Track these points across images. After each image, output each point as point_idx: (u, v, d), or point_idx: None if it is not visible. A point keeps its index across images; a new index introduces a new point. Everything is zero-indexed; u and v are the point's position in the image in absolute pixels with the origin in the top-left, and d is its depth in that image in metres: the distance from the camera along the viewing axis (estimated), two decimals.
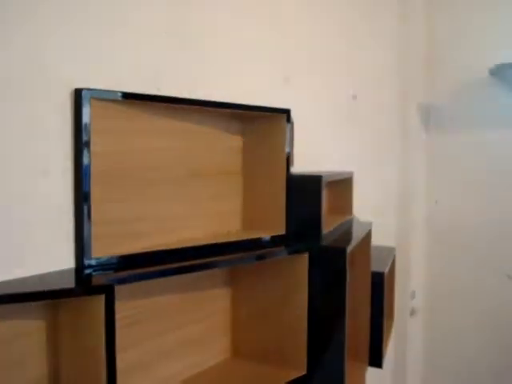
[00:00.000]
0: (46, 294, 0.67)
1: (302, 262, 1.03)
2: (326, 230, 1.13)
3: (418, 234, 2.18)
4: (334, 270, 1.02)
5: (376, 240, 1.46)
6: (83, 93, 0.78)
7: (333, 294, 1.03)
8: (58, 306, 0.75)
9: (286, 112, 1.09)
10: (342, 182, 1.41)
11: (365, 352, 1.39)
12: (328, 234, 1.13)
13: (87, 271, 0.78)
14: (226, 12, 1.10)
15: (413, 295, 2.14)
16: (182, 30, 0.99)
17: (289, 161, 1.09)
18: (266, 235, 1.06)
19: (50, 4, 0.75)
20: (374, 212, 1.69)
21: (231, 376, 1.03)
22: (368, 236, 1.34)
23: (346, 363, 1.06)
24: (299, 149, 1.26)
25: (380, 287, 1.42)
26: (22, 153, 0.73)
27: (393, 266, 1.66)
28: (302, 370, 1.04)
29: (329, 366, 1.04)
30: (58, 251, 0.78)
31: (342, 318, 1.03)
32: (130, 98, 0.84)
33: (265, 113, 1.06)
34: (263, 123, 1.09)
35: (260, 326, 1.08)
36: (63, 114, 0.78)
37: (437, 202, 2.18)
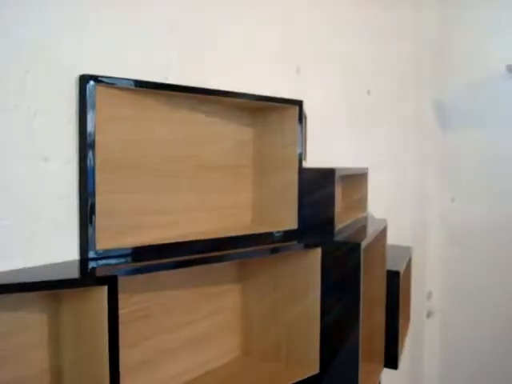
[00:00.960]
0: (48, 284, 0.64)
1: (315, 257, 0.99)
2: (340, 225, 1.10)
3: (434, 232, 2.12)
4: (348, 266, 0.98)
5: (391, 239, 1.41)
6: (89, 79, 0.75)
7: (346, 291, 0.99)
8: (59, 298, 0.72)
9: (299, 103, 1.05)
10: (357, 177, 1.37)
11: (380, 353, 1.34)
12: (341, 229, 1.10)
13: (91, 263, 0.75)
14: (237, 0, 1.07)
15: (429, 296, 2.09)
16: (192, 18, 0.96)
17: (301, 154, 1.06)
18: (277, 229, 1.03)
19: None
20: (389, 210, 1.64)
21: (241, 375, 1.00)
22: (383, 233, 1.30)
23: (361, 363, 1.02)
24: (311, 145, 1.23)
25: (395, 286, 1.37)
26: (26, 141, 0.71)
27: (409, 265, 1.61)
28: (314, 369, 1.00)
29: (342, 365, 1.00)
30: (62, 242, 0.76)
31: (356, 315, 0.99)
32: (137, 85, 0.82)
33: (276, 103, 1.03)
34: (275, 115, 1.06)
35: (271, 324, 1.05)
36: (68, 101, 0.76)
37: (453, 200, 2.13)
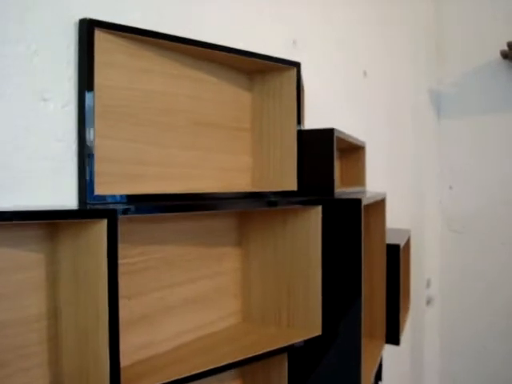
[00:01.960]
0: (47, 213, 0.63)
1: (315, 216, 0.98)
2: (339, 190, 1.09)
3: (433, 220, 2.12)
4: (348, 224, 0.97)
5: (389, 225, 1.40)
6: (89, 23, 0.75)
7: (348, 250, 0.98)
8: (57, 236, 0.71)
9: (297, 65, 1.05)
10: (354, 151, 1.37)
11: (381, 329, 1.32)
12: (340, 193, 1.09)
13: (90, 206, 0.74)
14: None
15: (428, 283, 2.07)
16: None
17: (299, 115, 1.06)
18: (276, 190, 1.02)
19: None
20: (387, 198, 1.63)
21: (242, 337, 0.98)
22: (383, 202, 1.29)
23: (363, 327, 1.00)
24: (307, 120, 1.23)
25: (396, 261, 1.36)
26: (26, 77, 0.70)
27: (408, 243, 1.60)
28: (316, 331, 0.99)
29: (345, 326, 0.98)
30: (60, 186, 0.75)
31: (357, 274, 0.97)
32: (137, 33, 0.82)
33: (274, 63, 1.03)
34: (272, 78, 1.06)
35: (272, 288, 1.03)
36: (67, 45, 0.75)
37: (451, 188, 2.13)
